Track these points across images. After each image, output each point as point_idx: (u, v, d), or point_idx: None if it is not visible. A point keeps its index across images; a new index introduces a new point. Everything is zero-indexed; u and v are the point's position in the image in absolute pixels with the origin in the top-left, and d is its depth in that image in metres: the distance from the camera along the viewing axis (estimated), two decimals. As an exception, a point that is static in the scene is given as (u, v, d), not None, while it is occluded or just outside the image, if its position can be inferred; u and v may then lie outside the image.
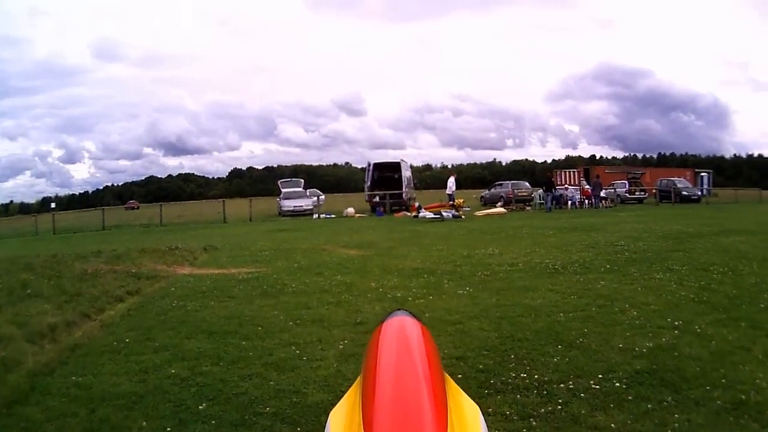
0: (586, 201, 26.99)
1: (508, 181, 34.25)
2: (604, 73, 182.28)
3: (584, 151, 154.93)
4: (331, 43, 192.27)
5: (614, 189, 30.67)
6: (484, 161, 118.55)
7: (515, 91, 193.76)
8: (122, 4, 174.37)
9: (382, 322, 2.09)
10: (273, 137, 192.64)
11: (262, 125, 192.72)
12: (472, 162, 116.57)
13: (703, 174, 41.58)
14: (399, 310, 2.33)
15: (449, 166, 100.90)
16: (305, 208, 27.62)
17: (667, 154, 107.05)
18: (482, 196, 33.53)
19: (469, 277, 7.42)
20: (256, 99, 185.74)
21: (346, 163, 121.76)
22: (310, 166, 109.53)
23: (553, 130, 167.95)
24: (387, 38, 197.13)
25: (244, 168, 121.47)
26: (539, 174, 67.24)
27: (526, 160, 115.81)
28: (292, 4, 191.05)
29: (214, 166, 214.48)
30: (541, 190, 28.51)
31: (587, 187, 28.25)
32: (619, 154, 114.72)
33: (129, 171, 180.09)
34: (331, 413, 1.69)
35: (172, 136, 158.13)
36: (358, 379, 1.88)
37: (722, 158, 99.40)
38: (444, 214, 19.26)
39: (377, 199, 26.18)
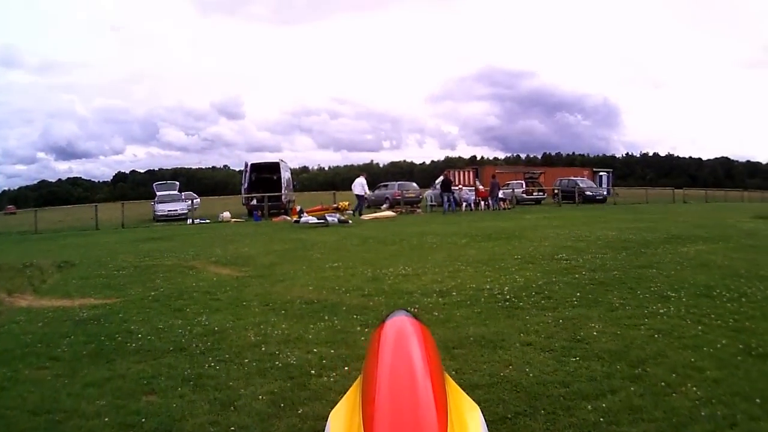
0: (482, 202, 25.91)
1: (394, 182, 31.59)
2: (487, 75, 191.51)
3: (463, 152, 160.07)
4: (215, 47, 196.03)
5: (512, 189, 29.53)
6: (360, 163, 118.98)
7: (394, 93, 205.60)
8: (23, 12, 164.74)
9: (383, 323, 2.09)
10: (155, 141, 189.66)
11: (145, 129, 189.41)
12: (349, 164, 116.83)
13: (602, 173, 40.91)
14: (399, 310, 2.30)
15: (326, 168, 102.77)
16: (179, 212, 26.17)
17: (553, 154, 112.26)
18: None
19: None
20: (141, 103, 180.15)
21: (225, 166, 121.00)
22: (190, 169, 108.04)
23: (431, 132, 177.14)
24: (269, 42, 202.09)
25: (127, 172, 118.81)
26: (417, 175, 69.08)
27: (404, 161, 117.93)
28: (182, 9, 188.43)
29: (101, 170, 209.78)
30: (430, 191, 27.16)
31: (482, 187, 27.23)
32: (500, 155, 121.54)
33: (24, 176, 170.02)
34: (331, 413, 1.68)
35: (63, 140, 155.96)
36: (358, 379, 1.89)
37: (613, 157, 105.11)
38: (328, 218, 17.11)
39: (255, 202, 24.58)
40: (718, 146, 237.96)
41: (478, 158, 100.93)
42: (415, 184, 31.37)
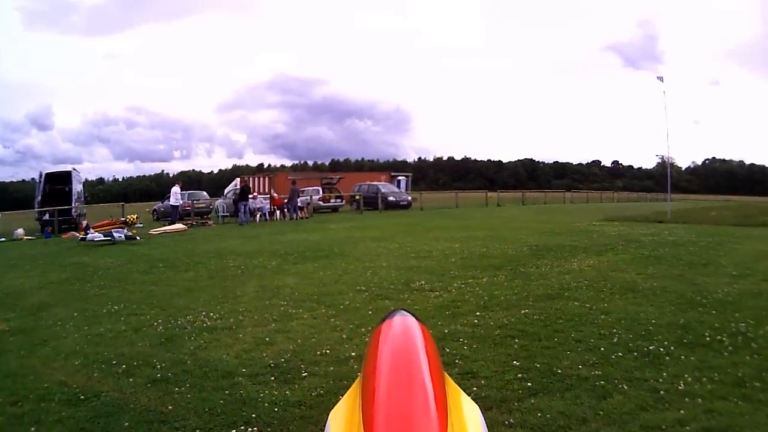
0: (278, 212, 24.15)
1: (184, 191, 28.26)
2: (280, 83, 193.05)
3: (251, 160, 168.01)
4: (34, 58, 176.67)
5: (310, 197, 27.85)
6: (152, 173, 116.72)
7: (187, 102, 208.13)
8: None
9: (382, 322, 2.06)
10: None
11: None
12: (141, 174, 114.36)
13: (400, 177, 39.85)
14: (399, 309, 2.26)
15: (120, 179, 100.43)
16: None
17: (341, 160, 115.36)
18: (155, 210, 28.64)
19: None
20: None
21: (33, 179, 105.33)
22: (2, 182, 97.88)
23: (220, 140, 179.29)
24: (78, 51, 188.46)
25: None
26: (206, 184, 69.41)
27: (193, 170, 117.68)
28: (10, 22, 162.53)
29: None
30: (221, 200, 25.47)
31: (276, 195, 25.57)
32: (287, 162, 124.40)
33: None
34: (331, 413, 1.66)
35: None
36: (358, 379, 1.85)
37: (405, 162, 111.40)
38: (115, 235, 15.20)
39: (47, 216, 21.82)
40: (519, 149, 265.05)
41: (266, 166, 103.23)
42: (205, 193, 29.30)
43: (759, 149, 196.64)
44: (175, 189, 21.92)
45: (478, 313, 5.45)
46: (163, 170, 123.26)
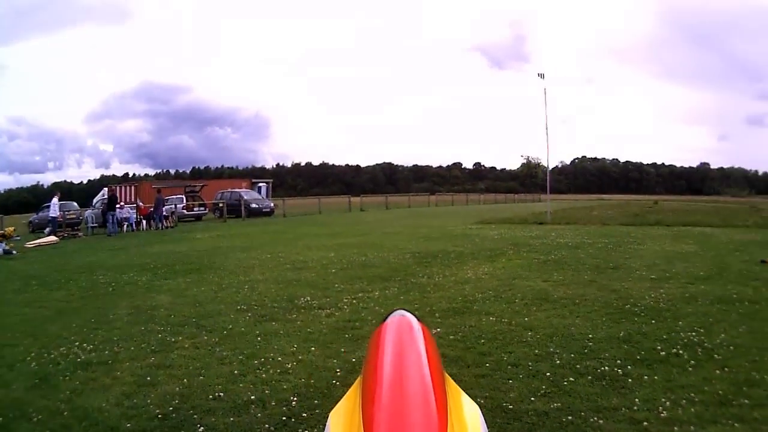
0: (144, 222, 23.12)
1: (56, 203, 26.69)
2: (145, 91, 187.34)
3: (117, 170, 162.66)
4: None
5: (175, 206, 26.68)
6: (29, 185, 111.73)
7: (61, 113, 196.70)
8: None
9: (383, 322, 2.05)
10: None
11: None
12: (19, 186, 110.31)
13: (261, 184, 39.05)
14: (399, 309, 2.25)
15: (2, 191, 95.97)
16: None
17: (202, 168, 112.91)
18: (30, 221, 27.49)
19: None
20: None
21: None
22: None
23: (89, 151, 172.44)
24: None
25: None
26: (76, 195, 67.43)
27: (65, 181, 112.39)
28: None
29: None
30: (89, 211, 24.35)
31: (143, 204, 24.42)
32: (151, 171, 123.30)
33: None
34: (331, 413, 1.65)
35: None
36: (358, 379, 1.84)
37: (263, 168, 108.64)
38: None
39: None
40: (378, 153, 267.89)
41: (131, 175, 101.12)
42: (75, 204, 28.27)
43: (633, 147, 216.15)
44: (55, 200, 21.06)
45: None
46: (38, 182, 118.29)
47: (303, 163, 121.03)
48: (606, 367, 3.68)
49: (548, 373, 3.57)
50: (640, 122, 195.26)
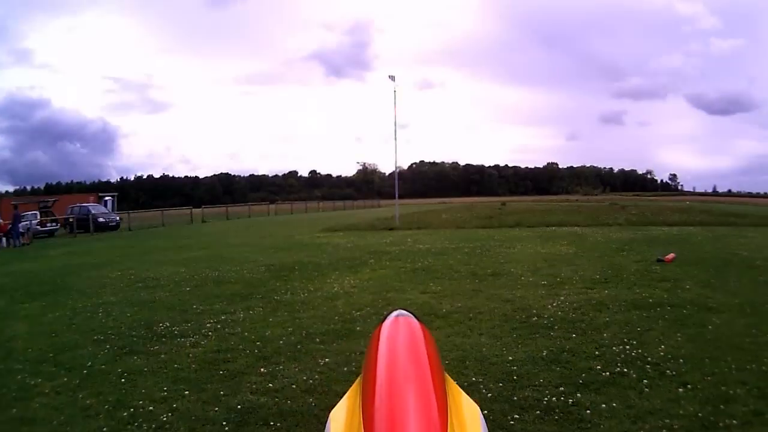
0: (3, 239, 22.68)
1: None
2: (8, 107, 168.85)
3: None
4: None
5: (30, 222, 26.00)
6: None
7: None
8: None
9: (382, 322, 2.08)
10: None
11: None
12: None
13: (107, 198, 39.22)
14: (399, 309, 2.24)
15: None
16: None
17: (54, 183, 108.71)
18: None
19: None
20: None
21: None
22: None
23: None
24: None
25: None
26: None
27: None
28: None
29: None
30: None
31: (1, 221, 23.73)
32: (11, 188, 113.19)
33: None
34: (331, 413, 1.63)
35: None
36: (358, 379, 1.83)
37: (108, 182, 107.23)
38: None
39: None
40: (215, 164, 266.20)
41: None
42: None
43: (473, 150, 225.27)
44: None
45: (263, 369, 4.10)
46: None
47: (145, 176, 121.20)
48: (550, 397, 3.23)
49: (485, 411, 2.82)
50: (480, 126, 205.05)
